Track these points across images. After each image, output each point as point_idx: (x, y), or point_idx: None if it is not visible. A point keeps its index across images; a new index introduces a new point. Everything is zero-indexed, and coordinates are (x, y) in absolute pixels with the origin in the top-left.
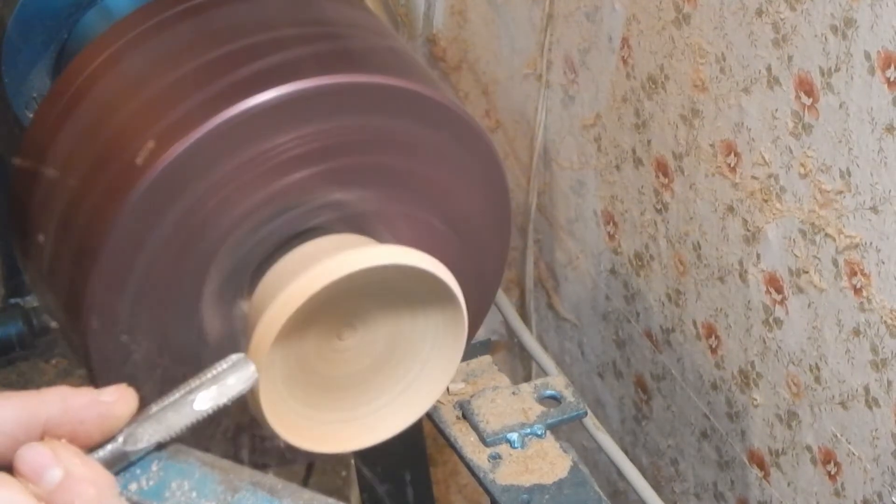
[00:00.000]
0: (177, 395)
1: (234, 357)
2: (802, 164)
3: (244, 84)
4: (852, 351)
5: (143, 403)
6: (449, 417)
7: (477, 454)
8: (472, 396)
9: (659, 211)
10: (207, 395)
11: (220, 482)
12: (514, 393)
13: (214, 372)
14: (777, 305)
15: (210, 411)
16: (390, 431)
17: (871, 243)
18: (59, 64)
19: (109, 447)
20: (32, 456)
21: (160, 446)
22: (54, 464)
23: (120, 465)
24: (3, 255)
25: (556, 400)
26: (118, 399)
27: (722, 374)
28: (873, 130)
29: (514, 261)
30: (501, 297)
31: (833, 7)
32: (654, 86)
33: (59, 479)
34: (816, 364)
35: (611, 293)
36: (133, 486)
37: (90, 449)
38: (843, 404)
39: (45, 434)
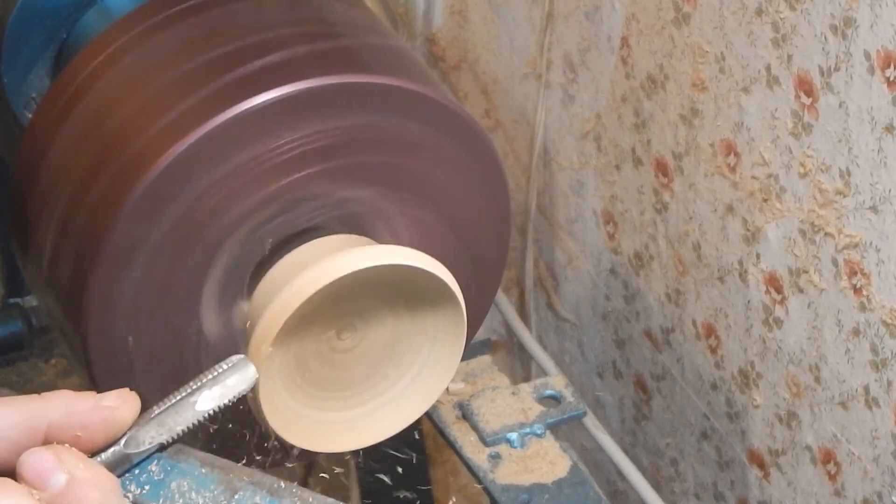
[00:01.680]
0: (178, 396)
1: (234, 358)
2: (802, 164)
3: (244, 84)
4: (852, 351)
5: (142, 403)
6: (448, 417)
7: (476, 454)
8: (471, 396)
9: (659, 211)
10: (209, 397)
11: (219, 482)
12: (513, 393)
13: (215, 373)
14: (777, 305)
15: (212, 412)
16: (390, 431)
17: (870, 243)
18: (59, 64)
19: (112, 450)
20: (36, 461)
21: (162, 448)
22: (58, 468)
23: (122, 467)
24: (3, 255)
25: (555, 400)
26: (121, 404)
27: (722, 374)
28: (873, 130)
29: (514, 261)
30: (501, 297)
31: (833, 7)
32: (653, 86)
33: (64, 483)
34: (816, 364)
35: (610, 293)
36: (132, 487)
37: (93, 453)
38: (843, 404)
39: (47, 439)
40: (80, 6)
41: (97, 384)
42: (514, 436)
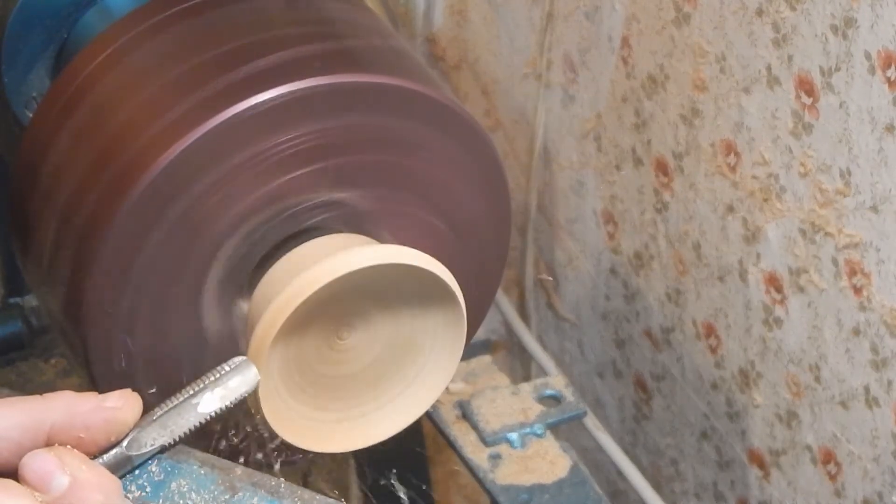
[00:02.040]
0: (180, 398)
1: (236, 360)
2: (802, 164)
3: (244, 83)
4: (852, 350)
5: (142, 404)
6: (449, 417)
7: (477, 454)
8: (471, 396)
9: (659, 211)
10: (211, 398)
11: (219, 482)
12: (513, 393)
13: (217, 375)
14: (777, 305)
15: (214, 414)
16: (390, 431)
17: (871, 243)
18: (59, 64)
19: (114, 452)
20: (38, 463)
21: (163, 449)
22: (61, 471)
23: (124, 469)
24: (3, 255)
25: (555, 399)
26: (124, 404)
27: (722, 373)
28: (873, 130)
29: (514, 261)
30: (501, 297)
31: (833, 7)
32: (654, 85)
33: (66, 486)
34: (816, 364)
35: (610, 293)
36: (132, 488)
37: (94, 454)
38: (843, 404)
39: (50, 440)
40: (81, 6)
41: (97, 384)
42: (514, 436)
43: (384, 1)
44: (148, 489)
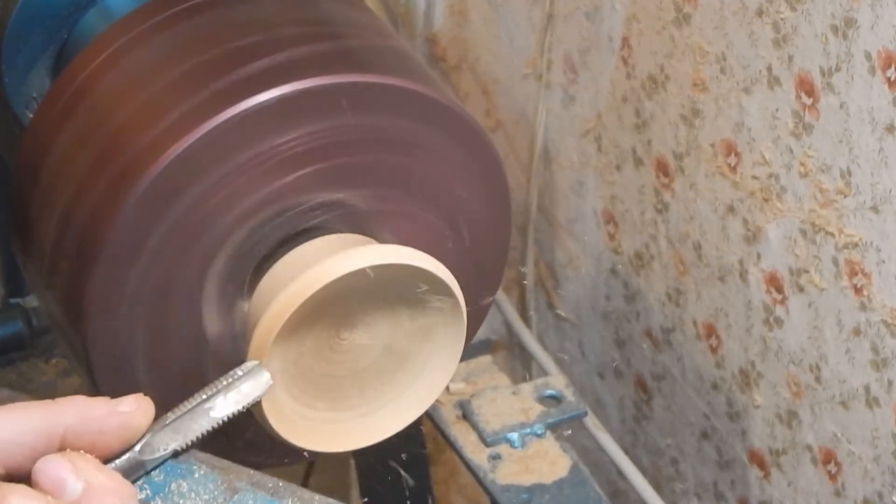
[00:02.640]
0: (192, 403)
1: (248, 364)
2: (803, 164)
3: (244, 84)
4: (853, 350)
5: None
6: (449, 417)
7: (477, 454)
8: (472, 396)
9: (659, 211)
10: (224, 403)
11: (220, 482)
12: (514, 393)
13: (230, 379)
14: (777, 305)
15: (227, 419)
16: (390, 431)
17: (871, 243)
18: (59, 64)
19: (127, 457)
20: (52, 469)
21: (176, 454)
22: (74, 476)
23: (137, 473)
24: (3, 255)
25: (556, 399)
26: (137, 409)
27: (722, 373)
28: (874, 130)
29: (514, 261)
30: (501, 297)
31: (833, 7)
32: (654, 86)
33: (80, 491)
34: (817, 364)
35: (611, 293)
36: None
37: (107, 459)
38: (843, 404)
39: (63, 445)
40: (81, 6)
41: (97, 385)
42: (514, 436)
43: (384, 1)
44: (148, 490)
